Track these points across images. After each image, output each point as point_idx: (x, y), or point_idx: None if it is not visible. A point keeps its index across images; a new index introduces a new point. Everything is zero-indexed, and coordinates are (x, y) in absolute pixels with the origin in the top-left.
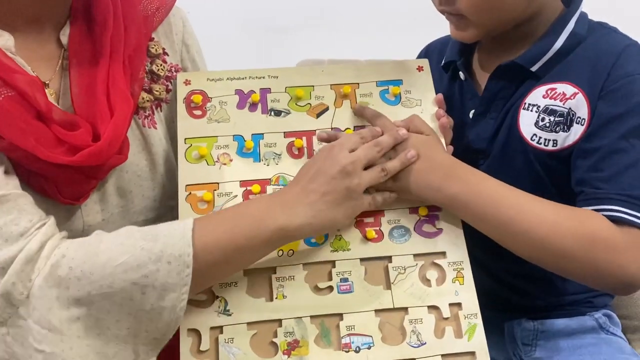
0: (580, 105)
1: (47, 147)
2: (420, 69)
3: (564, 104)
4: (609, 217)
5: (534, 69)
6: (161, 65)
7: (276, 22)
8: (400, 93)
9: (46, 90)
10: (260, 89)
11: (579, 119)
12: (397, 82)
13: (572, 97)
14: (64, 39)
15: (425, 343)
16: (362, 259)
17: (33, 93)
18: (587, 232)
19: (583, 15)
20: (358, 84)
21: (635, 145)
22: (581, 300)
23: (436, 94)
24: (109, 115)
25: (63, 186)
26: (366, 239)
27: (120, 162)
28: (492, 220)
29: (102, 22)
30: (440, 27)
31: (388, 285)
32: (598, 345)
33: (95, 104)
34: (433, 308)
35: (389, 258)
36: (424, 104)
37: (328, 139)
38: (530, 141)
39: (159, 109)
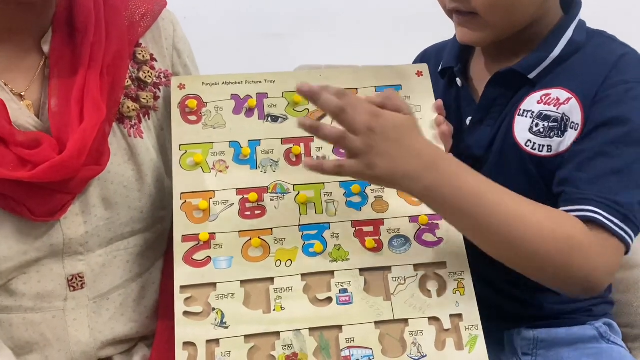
0: (574, 111)
1: (8, 168)
2: (419, 74)
3: (557, 109)
4: (584, 217)
5: (531, 76)
6: (149, 72)
7: (273, 28)
8: None
9: (22, 102)
10: (257, 93)
11: (572, 124)
12: (396, 88)
13: (565, 103)
14: (46, 47)
15: (425, 355)
16: (361, 270)
17: None
18: (564, 235)
19: (581, 23)
20: (356, 89)
21: (622, 152)
22: (581, 309)
23: (435, 99)
24: (78, 126)
25: (32, 204)
26: (365, 248)
27: (96, 173)
28: (468, 217)
29: (83, 30)
30: (440, 33)
31: (388, 296)
32: (599, 355)
33: (67, 113)
34: (434, 319)
35: (388, 268)
36: (423, 110)
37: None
38: (525, 147)
39: (146, 117)
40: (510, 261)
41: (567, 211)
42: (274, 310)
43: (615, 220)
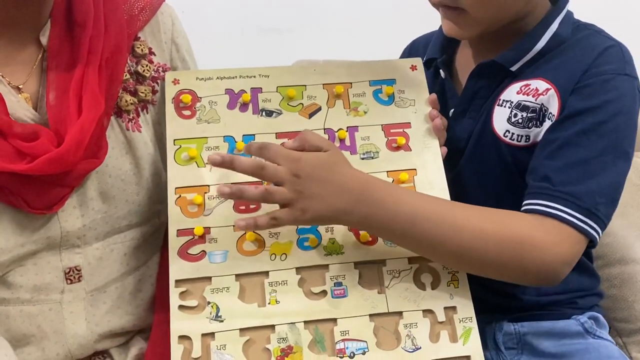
0: (552, 101)
1: (5, 160)
2: (413, 68)
3: (536, 100)
4: (541, 212)
5: (513, 68)
6: (147, 65)
7: (270, 23)
8: (393, 93)
9: (20, 95)
10: (251, 88)
11: (550, 114)
12: (391, 82)
13: (544, 93)
14: (44, 40)
15: (420, 347)
16: (356, 263)
17: None
18: (512, 235)
19: (568, 16)
20: (351, 83)
21: (592, 142)
22: (564, 301)
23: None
24: (76, 119)
25: (30, 197)
26: (360, 242)
27: (94, 167)
28: (410, 237)
29: (82, 23)
30: (435, 28)
31: (382, 289)
32: (587, 351)
33: (66, 106)
34: (428, 312)
35: (383, 262)
36: (417, 104)
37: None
38: (503, 137)
39: (144, 111)
40: (465, 269)
41: (528, 204)
42: (269, 303)
43: (571, 212)
